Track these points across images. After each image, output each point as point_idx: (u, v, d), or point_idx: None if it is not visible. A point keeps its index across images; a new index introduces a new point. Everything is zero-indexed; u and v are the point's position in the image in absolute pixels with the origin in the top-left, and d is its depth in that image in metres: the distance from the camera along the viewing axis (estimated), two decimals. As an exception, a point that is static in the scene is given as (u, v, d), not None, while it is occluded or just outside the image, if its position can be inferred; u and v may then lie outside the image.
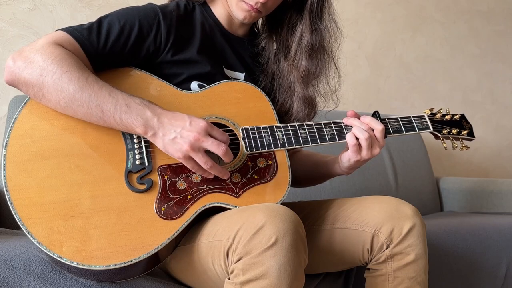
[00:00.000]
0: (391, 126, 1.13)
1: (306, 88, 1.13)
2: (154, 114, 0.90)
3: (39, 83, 0.89)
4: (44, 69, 0.88)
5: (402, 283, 0.98)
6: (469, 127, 1.22)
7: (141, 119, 0.89)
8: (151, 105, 0.91)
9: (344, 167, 1.10)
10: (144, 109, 0.90)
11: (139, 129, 0.90)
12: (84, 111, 0.89)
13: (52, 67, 0.88)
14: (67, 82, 0.88)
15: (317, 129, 1.08)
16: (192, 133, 0.89)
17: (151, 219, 0.90)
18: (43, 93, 0.89)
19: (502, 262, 1.47)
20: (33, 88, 0.90)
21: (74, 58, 0.91)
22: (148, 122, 0.89)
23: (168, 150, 0.91)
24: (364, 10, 2.46)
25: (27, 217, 0.85)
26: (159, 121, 0.90)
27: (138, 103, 0.90)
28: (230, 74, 1.13)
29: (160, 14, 1.03)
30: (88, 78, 0.90)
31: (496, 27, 2.81)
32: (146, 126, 0.89)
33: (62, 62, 0.89)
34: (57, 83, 0.88)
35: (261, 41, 1.18)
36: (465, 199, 2.08)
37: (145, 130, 0.90)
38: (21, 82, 0.90)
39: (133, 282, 0.93)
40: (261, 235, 0.81)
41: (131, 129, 0.90)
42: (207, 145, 0.90)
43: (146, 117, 0.89)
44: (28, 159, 0.89)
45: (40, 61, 0.88)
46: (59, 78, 0.88)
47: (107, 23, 0.98)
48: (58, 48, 0.91)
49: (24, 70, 0.89)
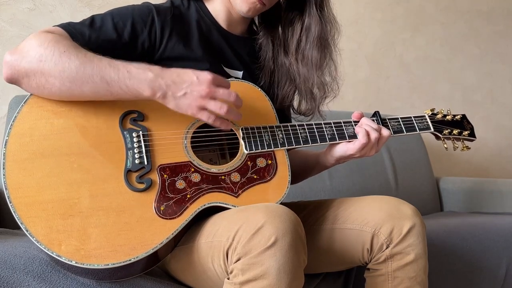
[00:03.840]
0: (391, 126, 1.13)
1: (313, 78, 1.14)
2: (157, 75, 0.89)
3: (40, 68, 0.88)
4: (42, 54, 0.88)
5: (402, 283, 0.98)
6: (470, 128, 1.22)
7: (145, 82, 0.89)
8: (151, 66, 0.91)
9: (335, 157, 1.10)
10: (145, 72, 0.89)
11: (146, 93, 0.89)
12: (90, 86, 0.89)
13: (49, 50, 0.88)
14: (67, 61, 0.88)
15: (317, 129, 1.08)
16: (201, 86, 0.89)
17: (150, 218, 0.90)
18: (46, 78, 0.89)
19: (502, 262, 1.47)
20: (35, 76, 0.89)
21: (68, 40, 0.92)
22: (153, 83, 0.89)
23: (181, 107, 0.90)
24: (364, 10, 2.46)
25: (26, 216, 0.84)
26: (164, 80, 0.89)
27: (138, 68, 0.90)
28: (229, 72, 1.13)
29: (154, 10, 1.03)
30: (86, 54, 0.90)
31: (496, 27, 2.81)
32: (153, 88, 0.89)
33: (58, 43, 0.89)
34: (57, 64, 0.88)
35: (259, 38, 1.18)
36: (465, 199, 2.08)
37: (152, 92, 0.89)
38: (21, 74, 0.90)
39: (133, 281, 0.93)
40: (261, 235, 0.80)
41: (139, 95, 0.90)
42: (219, 95, 0.90)
43: (150, 79, 0.89)
44: (27, 158, 0.88)
45: (36, 48, 0.88)
46: (59, 58, 0.88)
47: (100, 20, 0.99)
48: (50, 34, 0.91)
49: (22, 61, 0.89)
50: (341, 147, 1.08)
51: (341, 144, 1.09)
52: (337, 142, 1.09)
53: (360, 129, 1.06)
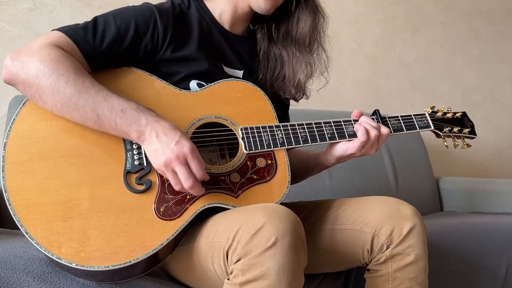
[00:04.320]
0: (391, 124, 1.13)
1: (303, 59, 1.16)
2: (148, 122, 0.90)
3: (36, 84, 0.88)
4: (41, 71, 0.88)
5: (402, 283, 0.98)
6: (471, 125, 1.21)
7: (135, 125, 0.89)
8: (146, 111, 0.91)
9: (335, 157, 1.10)
10: (139, 116, 0.90)
11: (132, 135, 0.90)
12: (80, 114, 0.89)
13: (49, 69, 0.88)
14: (64, 85, 0.88)
15: (316, 128, 1.07)
16: (171, 153, 0.88)
17: (150, 219, 0.90)
18: (39, 94, 0.89)
19: (502, 262, 1.47)
20: (30, 88, 0.90)
21: (71, 61, 0.91)
22: (141, 128, 0.89)
23: (150, 158, 0.91)
24: (364, 10, 2.46)
25: (26, 218, 0.84)
26: (151, 129, 0.89)
27: (134, 109, 0.90)
28: (229, 71, 1.13)
29: (156, 12, 1.03)
30: (84, 82, 0.89)
31: (496, 27, 2.81)
32: (139, 133, 0.90)
33: (59, 64, 0.89)
34: (53, 86, 0.88)
35: (256, 34, 1.19)
36: (465, 199, 2.08)
37: (137, 136, 0.90)
38: (18, 82, 0.91)
39: (133, 282, 0.93)
40: (261, 236, 0.80)
41: (125, 135, 0.91)
42: (178, 172, 0.88)
43: (141, 124, 0.89)
44: (27, 160, 0.88)
45: (37, 63, 0.88)
46: (56, 80, 0.88)
47: (103, 23, 0.98)
48: (55, 49, 0.91)
49: (21, 70, 0.89)
50: (341, 146, 1.08)
51: (341, 143, 1.09)
52: (337, 141, 1.09)
53: (359, 127, 1.06)
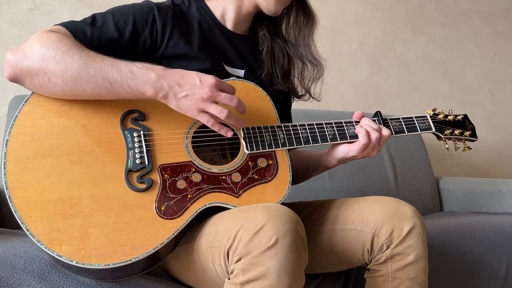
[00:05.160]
0: (393, 126, 1.13)
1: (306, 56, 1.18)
2: (159, 75, 0.90)
3: (42, 68, 0.88)
4: (44, 53, 0.88)
5: (402, 283, 0.98)
6: (472, 128, 1.21)
7: (148, 82, 0.89)
8: (153, 66, 0.91)
9: (337, 158, 1.11)
10: (148, 72, 0.90)
11: (149, 93, 0.90)
12: (92, 86, 0.89)
13: (52, 49, 0.88)
14: (70, 60, 0.88)
15: (318, 129, 1.08)
16: (204, 89, 0.89)
17: (151, 218, 0.90)
18: (48, 77, 0.89)
19: (502, 262, 1.47)
20: (37, 75, 0.89)
21: (71, 39, 0.92)
22: (155, 84, 0.89)
23: (182, 108, 0.91)
24: (364, 10, 2.46)
25: (27, 216, 0.84)
26: (167, 81, 0.90)
27: (141, 68, 0.90)
28: (230, 71, 1.13)
29: (155, 9, 1.04)
30: (88, 53, 0.90)
31: (496, 27, 2.81)
32: (156, 89, 0.89)
33: (60, 43, 0.89)
34: (60, 64, 0.88)
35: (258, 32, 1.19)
36: (465, 199, 2.08)
37: (155, 92, 0.90)
38: (23, 73, 0.90)
39: (133, 281, 0.93)
40: (261, 236, 0.80)
41: (141, 95, 0.90)
42: (221, 100, 0.91)
43: (153, 79, 0.89)
44: (28, 157, 0.88)
45: (39, 47, 0.88)
46: (61, 58, 0.88)
47: (102, 19, 0.99)
48: (53, 33, 0.91)
49: (25, 60, 0.89)
50: (342, 149, 1.08)
51: (343, 145, 1.09)
52: (338, 142, 1.09)
53: (360, 130, 1.06)
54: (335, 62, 2.34)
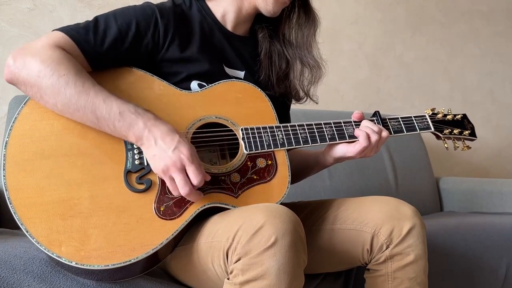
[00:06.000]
0: (392, 126, 1.13)
1: (306, 59, 1.18)
2: (145, 126, 0.90)
3: (37, 84, 0.89)
4: (42, 71, 0.88)
5: (402, 283, 0.98)
6: (471, 127, 1.21)
7: (133, 128, 0.90)
8: (144, 114, 0.91)
9: (334, 158, 1.11)
10: (137, 119, 0.90)
11: (131, 138, 0.91)
12: (80, 115, 0.90)
13: (50, 69, 0.88)
14: (64, 86, 0.88)
15: (317, 129, 1.08)
16: (169, 160, 0.88)
17: (150, 219, 0.90)
18: (40, 94, 0.90)
19: (502, 262, 1.47)
20: (32, 88, 0.90)
21: (72, 62, 0.92)
22: (139, 132, 0.90)
23: (149, 162, 0.91)
24: (364, 10, 2.46)
25: (26, 217, 0.84)
26: (149, 134, 0.90)
27: (132, 112, 0.90)
28: (230, 72, 1.13)
29: (157, 11, 1.03)
30: (84, 83, 0.90)
31: (496, 27, 2.81)
32: (137, 136, 0.90)
33: (60, 66, 0.89)
34: (54, 86, 0.88)
35: (258, 34, 1.19)
36: (465, 199, 2.08)
37: (135, 139, 0.91)
38: (20, 81, 0.91)
39: (133, 282, 0.93)
40: (261, 236, 0.80)
41: (123, 137, 0.91)
42: (175, 178, 0.89)
43: (138, 127, 0.90)
44: (27, 159, 0.89)
45: (39, 63, 0.89)
46: (56, 81, 0.88)
47: (104, 23, 0.98)
48: (57, 50, 0.91)
49: (22, 70, 0.90)
50: (341, 149, 1.09)
51: (341, 145, 1.09)
52: (337, 142, 1.09)
53: (360, 132, 1.06)
54: (335, 62, 2.34)
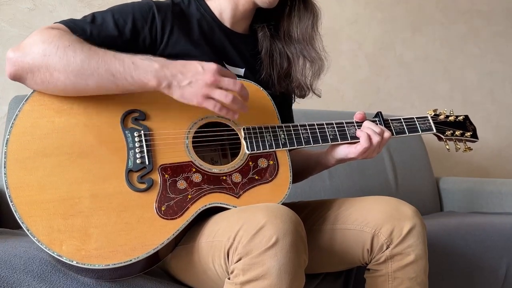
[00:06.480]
0: (394, 127, 1.13)
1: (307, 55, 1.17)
2: (162, 65, 0.90)
3: (44, 63, 0.88)
4: (46, 49, 0.88)
5: (402, 283, 0.98)
6: (473, 129, 1.21)
7: (151, 72, 0.89)
8: (156, 58, 0.92)
9: (336, 159, 1.11)
10: (150, 63, 0.90)
11: (152, 83, 0.90)
12: (95, 79, 0.89)
13: (54, 45, 0.88)
14: (72, 55, 0.88)
15: (319, 130, 1.07)
16: (206, 75, 0.89)
17: (151, 218, 0.90)
18: (50, 72, 0.88)
19: (502, 262, 1.47)
20: (39, 71, 0.89)
21: (72, 35, 0.92)
22: (158, 73, 0.89)
23: (186, 96, 0.91)
24: (364, 10, 2.46)
25: (27, 215, 0.84)
26: (170, 70, 0.90)
27: (144, 59, 0.91)
28: (231, 69, 1.13)
29: (154, 7, 1.04)
30: (91, 47, 0.90)
31: (496, 27, 2.81)
32: (159, 78, 0.89)
33: (62, 38, 0.89)
34: (62, 58, 0.88)
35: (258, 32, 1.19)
36: (465, 199, 2.08)
37: (158, 82, 0.90)
38: (25, 70, 0.89)
39: (133, 281, 0.93)
40: (262, 235, 0.80)
41: (144, 85, 0.90)
42: (224, 84, 0.91)
43: (155, 69, 0.89)
44: (28, 157, 0.88)
45: (40, 43, 0.88)
46: (63, 52, 0.88)
47: (101, 18, 0.99)
48: (53, 29, 0.91)
49: (26, 57, 0.88)
50: (343, 150, 1.08)
51: (343, 146, 1.09)
52: (339, 143, 1.09)
53: (362, 133, 1.06)
54: (335, 62, 2.34)
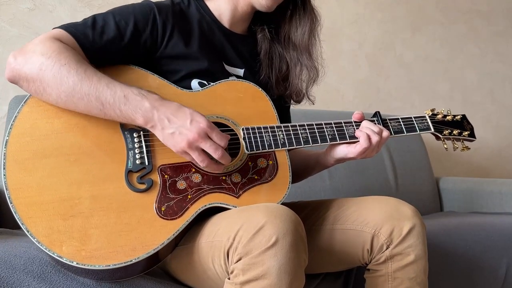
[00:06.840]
0: (392, 126, 1.13)
1: (304, 62, 1.17)
2: (153, 106, 0.90)
3: (39, 77, 0.89)
4: (43, 63, 0.88)
5: (402, 283, 0.98)
6: (470, 128, 1.21)
7: (140, 110, 0.89)
8: (149, 95, 0.91)
9: (335, 158, 1.11)
10: (142, 100, 0.90)
11: (139, 121, 0.90)
12: (85, 103, 0.90)
13: (51, 61, 0.88)
14: (66, 75, 0.88)
15: (318, 129, 1.07)
16: (191, 132, 0.88)
17: (151, 219, 0.90)
18: (43, 87, 0.90)
19: (502, 262, 1.47)
20: (34, 83, 0.90)
21: (72, 51, 0.92)
22: (147, 114, 0.89)
23: (166, 142, 0.91)
24: (364, 10, 2.46)
25: (27, 216, 0.84)
26: (158, 114, 0.90)
27: (136, 94, 0.90)
28: (230, 70, 1.13)
29: (155, 8, 1.04)
30: (86, 70, 0.90)
31: (496, 27, 2.81)
32: (146, 118, 0.89)
33: (60, 55, 0.89)
34: (56, 77, 0.88)
35: (257, 34, 1.19)
36: (465, 199, 2.08)
37: (144, 121, 0.90)
38: (21, 78, 0.91)
39: (133, 282, 0.93)
40: (261, 235, 0.81)
41: (131, 121, 0.91)
42: (205, 147, 0.90)
43: (145, 108, 0.89)
44: (28, 158, 0.88)
45: (39, 56, 0.89)
46: (58, 71, 0.88)
47: (102, 20, 0.99)
48: (56, 42, 0.92)
49: (24, 66, 0.90)
50: (342, 150, 1.08)
51: (342, 146, 1.09)
52: (338, 143, 1.09)
53: (361, 133, 1.06)
54: (335, 62, 2.34)
